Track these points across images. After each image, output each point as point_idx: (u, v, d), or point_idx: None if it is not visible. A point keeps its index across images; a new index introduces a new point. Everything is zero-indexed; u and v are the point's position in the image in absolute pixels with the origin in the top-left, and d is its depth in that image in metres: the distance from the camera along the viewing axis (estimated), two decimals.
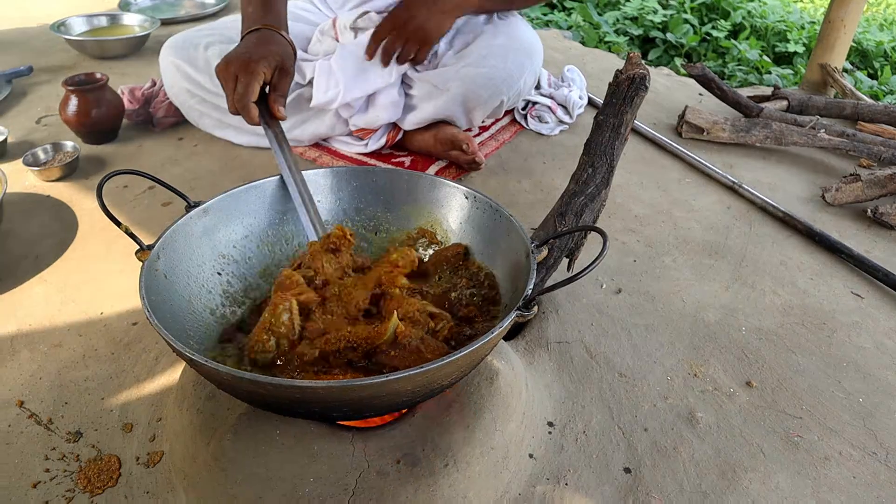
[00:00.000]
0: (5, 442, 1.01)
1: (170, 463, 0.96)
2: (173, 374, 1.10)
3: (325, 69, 1.64)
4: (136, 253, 0.88)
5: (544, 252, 0.90)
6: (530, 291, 0.81)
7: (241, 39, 1.34)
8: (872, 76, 3.11)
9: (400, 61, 1.62)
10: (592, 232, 1.25)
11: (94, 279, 1.33)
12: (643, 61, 2.10)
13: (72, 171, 1.67)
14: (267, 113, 1.19)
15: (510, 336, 1.21)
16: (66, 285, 1.32)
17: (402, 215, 1.12)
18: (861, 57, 3.26)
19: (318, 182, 1.11)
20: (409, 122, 1.73)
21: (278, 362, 0.87)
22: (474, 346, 0.73)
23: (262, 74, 1.19)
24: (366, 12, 1.75)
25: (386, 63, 1.61)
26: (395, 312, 0.88)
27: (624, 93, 1.21)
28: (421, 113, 1.71)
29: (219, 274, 1.00)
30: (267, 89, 1.23)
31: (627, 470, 1.00)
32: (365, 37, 1.67)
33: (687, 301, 1.34)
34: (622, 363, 1.18)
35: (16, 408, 1.06)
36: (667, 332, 1.25)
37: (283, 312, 0.88)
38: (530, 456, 0.99)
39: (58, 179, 1.64)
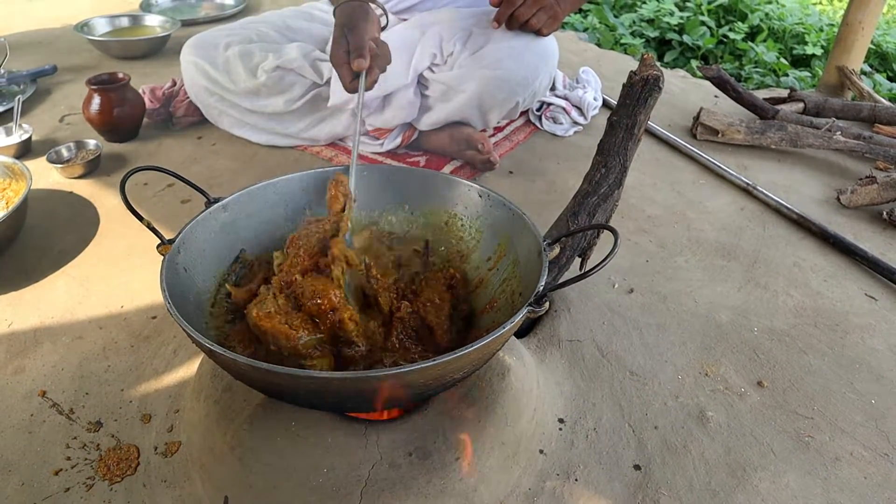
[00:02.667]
0: (28, 431, 1.03)
1: (187, 453, 0.98)
2: (191, 367, 1.13)
3: None
4: (158, 247, 0.90)
5: (556, 250, 0.91)
6: (542, 288, 0.83)
7: (335, 12, 1.31)
8: (892, 79, 3.09)
9: (526, 28, 1.64)
10: (605, 232, 1.27)
11: (114, 274, 1.36)
12: (657, 63, 2.10)
13: (94, 168, 1.70)
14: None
15: (522, 334, 1.23)
16: (87, 279, 1.35)
17: (416, 213, 1.14)
18: (881, 60, 3.24)
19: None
20: (425, 123, 1.75)
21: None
22: (486, 340, 0.74)
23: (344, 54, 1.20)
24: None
25: (512, 27, 1.64)
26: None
27: (637, 94, 1.22)
28: (437, 114, 1.72)
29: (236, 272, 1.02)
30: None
31: (637, 467, 1.01)
32: (382, 37, 1.69)
33: (699, 301, 1.34)
34: (633, 362, 1.19)
35: (38, 398, 1.09)
36: (678, 332, 1.26)
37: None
38: (541, 452, 1.01)
39: (80, 176, 1.68)
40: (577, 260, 1.25)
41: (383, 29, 1.32)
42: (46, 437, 1.02)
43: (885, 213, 1.63)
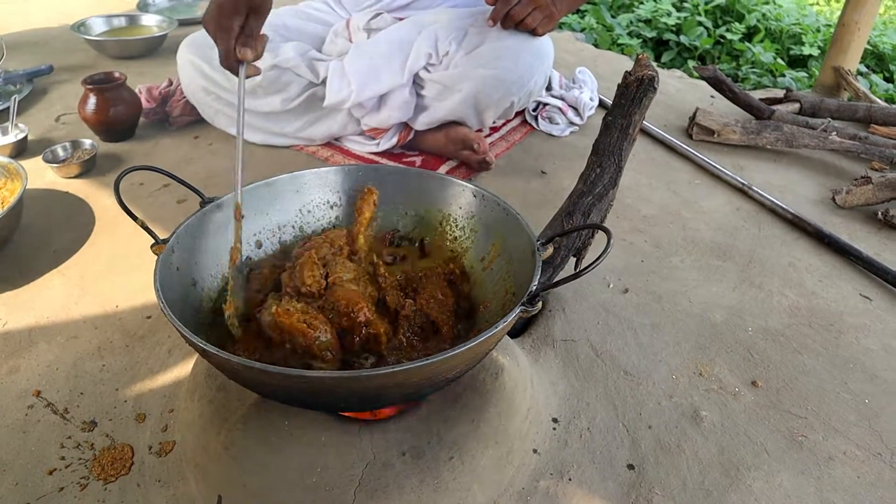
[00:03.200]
0: (22, 430, 1.03)
1: (181, 452, 0.98)
2: (185, 367, 1.13)
3: (338, 70, 1.66)
4: (152, 246, 0.90)
5: (549, 249, 0.92)
6: (535, 287, 0.83)
7: None
8: (888, 80, 3.09)
9: (521, 28, 1.64)
10: (600, 232, 1.27)
11: (109, 273, 1.36)
12: (653, 63, 2.10)
13: (90, 168, 1.70)
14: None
15: (517, 334, 1.23)
16: (82, 279, 1.35)
17: (411, 213, 1.14)
18: (877, 60, 3.24)
19: (329, 179, 1.13)
20: (421, 123, 1.75)
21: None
22: (479, 340, 0.74)
23: (235, 29, 1.11)
24: (379, 13, 1.78)
25: (507, 26, 1.64)
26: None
27: (633, 94, 1.22)
28: (432, 113, 1.72)
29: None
30: None
31: (631, 466, 1.01)
32: (379, 36, 1.69)
33: (694, 301, 1.34)
34: (628, 362, 1.19)
35: (33, 397, 1.09)
36: (673, 332, 1.26)
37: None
38: (534, 451, 1.01)
39: (76, 176, 1.68)
40: (573, 260, 1.25)
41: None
42: (41, 437, 1.02)
43: (880, 213, 1.63)
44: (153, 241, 0.91)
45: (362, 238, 1.12)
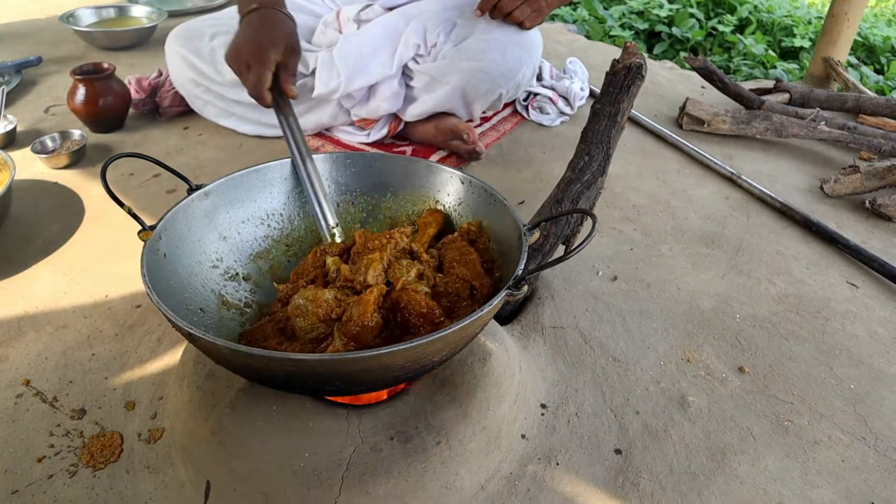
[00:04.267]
0: (12, 419, 1.03)
1: (170, 439, 0.99)
2: (175, 355, 1.13)
3: (328, 60, 1.66)
4: (139, 233, 0.90)
5: (536, 234, 0.92)
6: (521, 271, 0.83)
7: (242, 19, 1.33)
8: (879, 71, 3.11)
9: (509, 20, 1.64)
10: (588, 220, 1.28)
11: (99, 263, 1.36)
12: (645, 55, 2.10)
13: (79, 158, 1.70)
14: (279, 94, 1.21)
15: (506, 320, 1.23)
16: (72, 269, 1.34)
17: (399, 200, 1.14)
18: (868, 52, 3.26)
19: (318, 166, 1.13)
20: (410, 114, 1.75)
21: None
22: (464, 323, 0.75)
23: (274, 62, 1.20)
24: (369, 5, 1.77)
25: (495, 18, 1.64)
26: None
27: (620, 82, 1.22)
28: (421, 105, 1.72)
29: (218, 259, 1.02)
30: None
31: (618, 451, 1.01)
32: (368, 28, 1.69)
33: (682, 289, 1.35)
34: (616, 348, 1.19)
35: (22, 386, 1.09)
36: (661, 319, 1.27)
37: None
38: (522, 436, 1.01)
39: (65, 167, 1.67)
40: (561, 248, 1.26)
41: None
42: (30, 425, 1.02)
43: (867, 202, 1.64)
44: (140, 227, 0.91)
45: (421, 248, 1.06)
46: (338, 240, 1.11)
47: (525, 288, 0.82)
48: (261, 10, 1.31)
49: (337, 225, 1.12)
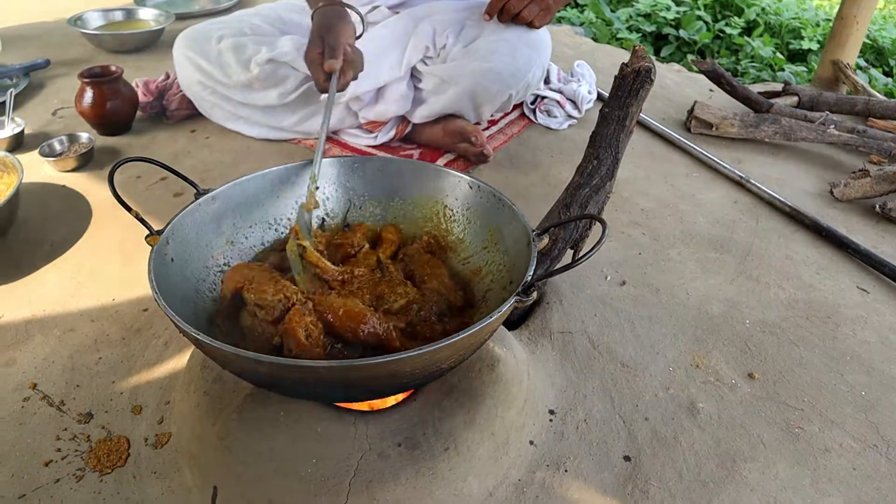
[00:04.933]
0: (19, 422, 1.03)
1: (177, 444, 0.98)
2: (181, 359, 1.13)
3: None
4: (146, 237, 0.90)
5: (545, 240, 0.91)
6: (530, 277, 0.83)
7: (312, 17, 1.37)
8: (888, 73, 3.09)
9: (518, 21, 1.64)
10: (597, 225, 1.27)
11: (106, 267, 1.36)
12: (653, 57, 2.09)
13: (86, 161, 1.70)
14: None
15: (514, 325, 1.23)
16: (79, 272, 1.34)
17: (408, 204, 1.14)
18: (877, 55, 3.24)
19: (325, 171, 1.12)
20: (419, 116, 1.75)
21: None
22: (473, 330, 0.74)
23: (318, 58, 1.24)
24: (377, 7, 1.77)
25: (503, 20, 1.65)
26: None
27: (629, 85, 1.22)
28: (430, 107, 1.72)
29: (226, 263, 1.02)
30: None
31: (627, 458, 1.01)
32: (376, 30, 1.69)
33: (691, 293, 1.34)
34: (625, 353, 1.19)
35: (29, 390, 1.09)
36: (670, 324, 1.26)
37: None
38: (531, 443, 1.01)
39: (73, 170, 1.67)
40: (570, 252, 1.25)
41: (358, 37, 1.35)
42: (37, 429, 1.02)
43: (877, 206, 1.63)
44: (148, 232, 0.90)
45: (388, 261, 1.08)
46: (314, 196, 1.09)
47: (534, 294, 0.81)
48: (326, 7, 1.36)
49: (317, 188, 1.10)
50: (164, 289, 0.82)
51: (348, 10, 1.34)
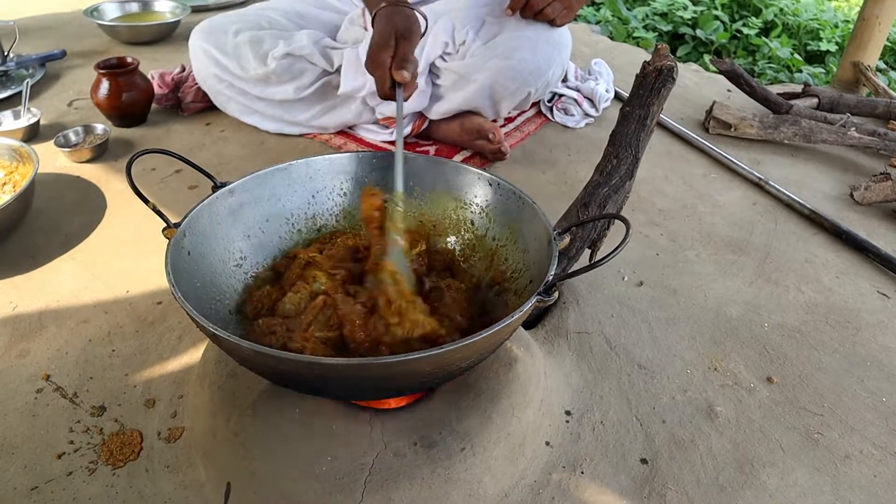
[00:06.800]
0: (32, 414, 1.03)
1: (190, 439, 0.98)
2: (196, 353, 1.12)
3: (353, 57, 1.65)
4: (163, 230, 0.89)
5: (566, 240, 0.90)
6: (551, 277, 0.81)
7: (373, 20, 1.25)
8: None
9: (540, 17, 1.62)
10: (615, 225, 1.26)
11: (120, 259, 1.35)
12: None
13: (102, 152, 1.70)
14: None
15: (530, 325, 1.22)
16: (93, 264, 1.34)
17: (426, 200, 1.13)
18: None
19: (344, 166, 1.11)
20: (436, 112, 1.73)
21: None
22: (493, 330, 0.73)
23: (387, 61, 1.14)
24: None
25: (525, 16, 1.62)
26: None
27: (651, 84, 1.20)
28: (448, 103, 1.71)
29: (242, 258, 1.01)
30: None
31: (644, 461, 0.99)
32: None
33: (709, 295, 1.33)
34: (642, 355, 1.17)
35: (42, 381, 1.08)
36: (688, 326, 1.25)
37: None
38: (547, 444, 0.99)
39: (88, 161, 1.67)
40: (587, 252, 1.24)
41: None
42: (50, 421, 1.02)
43: None
44: (164, 224, 0.90)
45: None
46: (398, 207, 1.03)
47: (555, 294, 0.80)
48: (387, 7, 1.25)
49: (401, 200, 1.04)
50: (181, 282, 0.82)
51: (418, 14, 1.25)
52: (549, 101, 2.00)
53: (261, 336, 0.89)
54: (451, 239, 1.11)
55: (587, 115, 1.98)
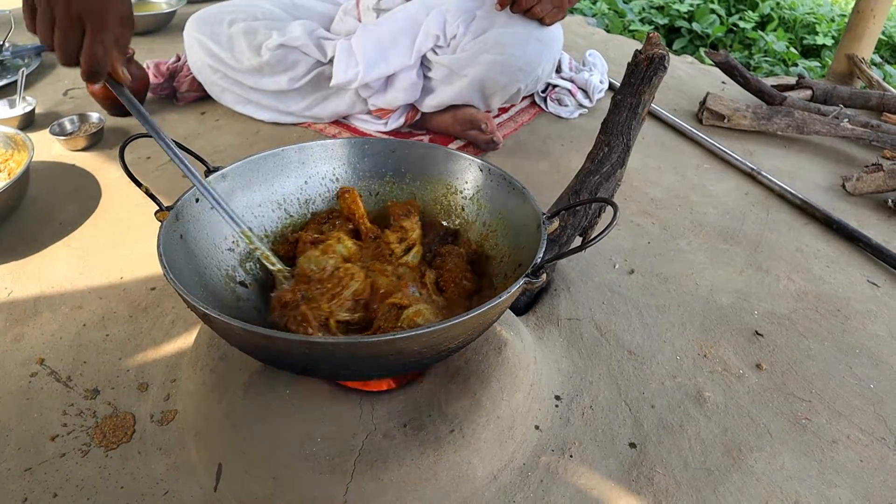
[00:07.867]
0: (26, 397, 1.03)
1: (183, 421, 0.99)
2: (189, 338, 1.13)
3: (346, 49, 1.65)
4: (156, 213, 0.90)
5: (555, 223, 0.91)
6: (539, 259, 0.82)
7: None
8: None
9: (529, 15, 1.61)
10: (606, 213, 1.26)
11: (115, 245, 1.36)
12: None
13: (97, 141, 1.70)
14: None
15: (522, 311, 1.22)
16: (88, 250, 1.35)
17: (418, 186, 1.13)
18: (892, 51, 3.21)
19: (336, 151, 1.12)
20: (428, 105, 1.74)
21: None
22: (482, 309, 0.74)
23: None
24: None
25: (515, 11, 1.61)
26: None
27: (642, 73, 1.20)
28: (439, 96, 1.71)
29: (234, 242, 1.02)
30: None
31: (633, 445, 1.00)
32: (387, 17, 1.68)
33: (700, 284, 1.33)
34: (632, 341, 1.18)
35: (36, 365, 1.09)
36: (678, 313, 1.25)
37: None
38: (536, 427, 1.00)
39: (83, 149, 1.67)
40: (578, 239, 1.24)
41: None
42: (44, 404, 1.02)
43: (890, 201, 1.62)
44: (157, 208, 0.90)
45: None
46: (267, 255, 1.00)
47: (543, 276, 0.81)
48: None
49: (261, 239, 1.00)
50: (173, 264, 0.82)
51: None
52: (544, 92, 2.00)
53: (278, 305, 0.92)
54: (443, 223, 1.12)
55: (581, 105, 1.98)
